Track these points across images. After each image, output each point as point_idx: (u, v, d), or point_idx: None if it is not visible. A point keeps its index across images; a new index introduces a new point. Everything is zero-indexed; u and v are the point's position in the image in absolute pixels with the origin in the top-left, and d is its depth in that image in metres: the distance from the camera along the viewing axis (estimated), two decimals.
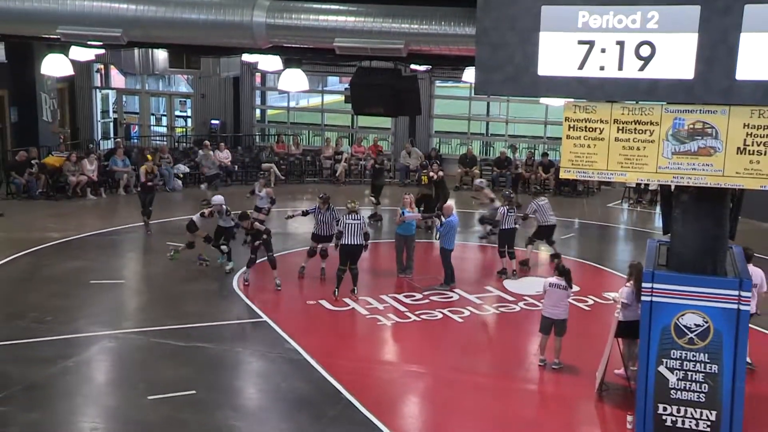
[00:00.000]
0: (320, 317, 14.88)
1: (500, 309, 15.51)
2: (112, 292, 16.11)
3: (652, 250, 11.38)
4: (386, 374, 12.83)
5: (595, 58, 9.15)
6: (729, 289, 10.16)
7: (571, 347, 13.11)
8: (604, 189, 26.95)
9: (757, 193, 9.86)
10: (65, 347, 13.02)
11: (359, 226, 15.82)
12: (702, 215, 10.31)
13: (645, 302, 10.50)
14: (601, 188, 26.97)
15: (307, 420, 11.02)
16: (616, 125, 9.70)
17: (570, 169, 9.96)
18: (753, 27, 8.61)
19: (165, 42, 15.33)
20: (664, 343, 10.42)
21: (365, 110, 14.82)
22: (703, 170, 9.49)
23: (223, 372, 12.56)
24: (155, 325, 14.17)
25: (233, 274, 16.87)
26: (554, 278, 12.70)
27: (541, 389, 12.55)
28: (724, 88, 8.88)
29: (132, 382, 12.16)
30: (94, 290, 15.97)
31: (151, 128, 32.31)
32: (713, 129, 9.36)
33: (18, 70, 25.02)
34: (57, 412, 11.15)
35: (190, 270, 17.00)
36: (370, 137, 30.09)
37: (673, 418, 10.57)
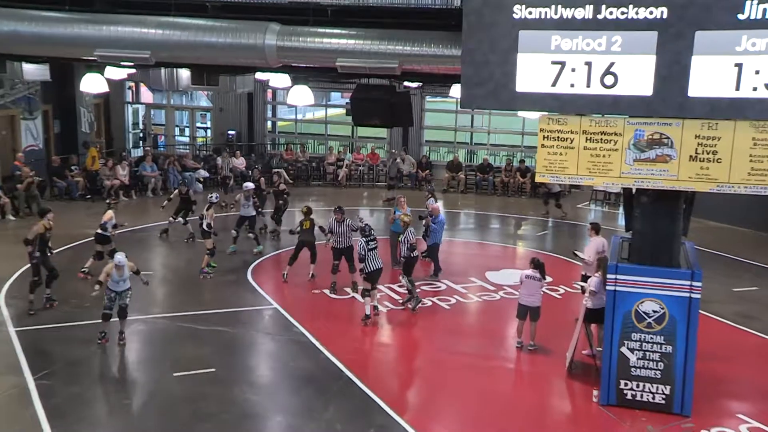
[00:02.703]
0: (324, 305, 14.87)
1: (482, 297, 15.52)
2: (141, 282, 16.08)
3: (616, 245, 11.40)
4: (382, 355, 12.84)
5: (566, 76, 9.20)
6: (682, 280, 10.20)
7: (544, 331, 13.14)
8: (574, 191, 26.97)
9: (707, 195, 9.89)
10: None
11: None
12: (659, 215, 10.35)
13: (609, 291, 10.54)
14: (572, 191, 27.00)
15: (312, 394, 11.02)
16: (584, 135, 9.74)
17: (545, 174, 9.99)
18: (703, 50, 8.68)
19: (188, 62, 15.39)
20: (625, 327, 10.46)
21: (364, 122, 14.82)
22: (660, 175, 9.54)
23: (239, 352, 12.56)
24: (179, 311, 14.16)
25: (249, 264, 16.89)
26: (530, 270, 12.71)
27: (517, 368, 12.55)
28: (678, 104, 8.94)
29: (159, 360, 12.17)
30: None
31: (176, 138, 32.25)
32: (669, 139, 9.40)
33: (60, 87, 25.06)
34: (94, 386, 11.17)
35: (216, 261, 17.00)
36: (368, 146, 30.07)
37: (633, 392, 10.61)
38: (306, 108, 32.29)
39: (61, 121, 26.54)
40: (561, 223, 22.56)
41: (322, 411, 10.48)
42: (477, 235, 21.65)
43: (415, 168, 27.85)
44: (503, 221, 23.30)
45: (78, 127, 26.77)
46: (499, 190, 26.90)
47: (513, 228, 22.54)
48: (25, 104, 24.47)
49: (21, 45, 11.71)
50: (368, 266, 13.88)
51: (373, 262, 13.92)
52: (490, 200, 26.02)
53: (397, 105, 13.79)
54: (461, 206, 24.90)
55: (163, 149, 30.61)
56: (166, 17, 11.18)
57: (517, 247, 20.37)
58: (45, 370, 11.47)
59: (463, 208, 24.65)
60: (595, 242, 13.71)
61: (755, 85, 8.61)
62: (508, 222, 23.21)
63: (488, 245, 20.38)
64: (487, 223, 23.23)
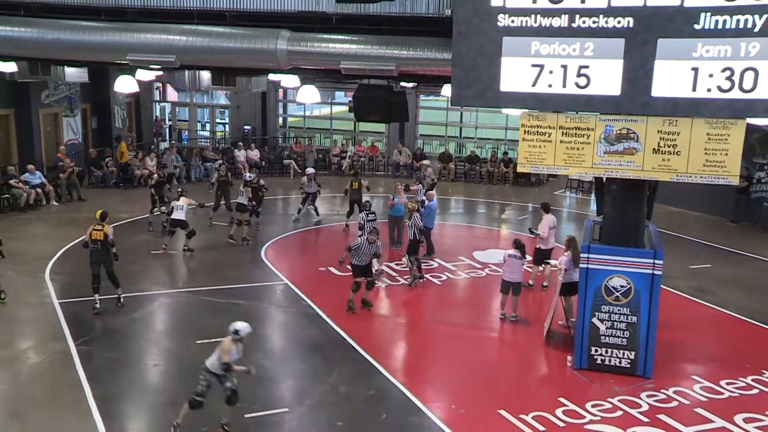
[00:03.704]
0: (329, 281, 14.89)
1: (470, 274, 15.56)
2: (169, 260, 16.13)
3: (588, 228, 11.43)
4: (381, 325, 12.88)
5: (545, 78, 9.20)
6: (646, 258, 10.24)
7: (524, 304, 13.20)
8: (552, 180, 26.98)
9: (668, 183, 9.93)
10: (134, 302, 13.06)
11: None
12: (626, 201, 10.37)
13: (582, 269, 10.58)
14: (549, 179, 27.00)
15: (319, 360, 11.07)
16: (561, 130, 9.75)
17: (525, 164, 10.01)
18: (664, 56, 8.70)
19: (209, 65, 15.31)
20: (596, 300, 10.51)
21: (365, 118, 14.78)
22: (628, 166, 9.56)
23: (254, 323, 12.38)
24: (201, 286, 14.20)
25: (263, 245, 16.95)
26: (512, 250, 12.73)
27: (501, 337, 12.59)
28: (643, 103, 8.96)
29: (184, 330, 12.23)
30: (155, 259, 16.01)
31: (198, 132, 32.20)
32: (635, 134, 9.42)
33: (97, 88, 25.03)
34: (128, 351, 11.23)
35: (228, 244, 17.03)
36: (369, 139, 30.03)
37: (602, 358, 10.68)
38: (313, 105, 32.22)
39: (98, 118, 26.57)
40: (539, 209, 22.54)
41: (328, 375, 10.54)
42: (465, 218, 21.67)
43: (410, 159, 27.83)
44: (489, 206, 23.33)
45: (112, 123, 26.79)
46: (485, 178, 26.91)
47: (497, 212, 22.57)
48: (66, 103, 24.44)
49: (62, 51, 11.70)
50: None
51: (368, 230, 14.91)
52: (477, 188, 26.03)
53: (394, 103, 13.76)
54: (451, 193, 24.89)
55: (187, 142, 30.57)
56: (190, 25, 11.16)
57: (501, 229, 20.39)
58: (85, 337, 11.53)
59: (453, 195, 24.65)
60: (546, 219, 14.39)
61: (709, 86, 8.64)
62: (493, 207, 23.23)
63: (475, 228, 20.42)
64: (475, 208, 23.25)
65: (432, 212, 16.55)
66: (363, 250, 12.97)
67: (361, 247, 12.97)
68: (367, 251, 12.97)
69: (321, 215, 19.74)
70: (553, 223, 14.36)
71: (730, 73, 8.53)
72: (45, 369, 10.55)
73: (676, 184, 10.09)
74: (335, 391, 10.09)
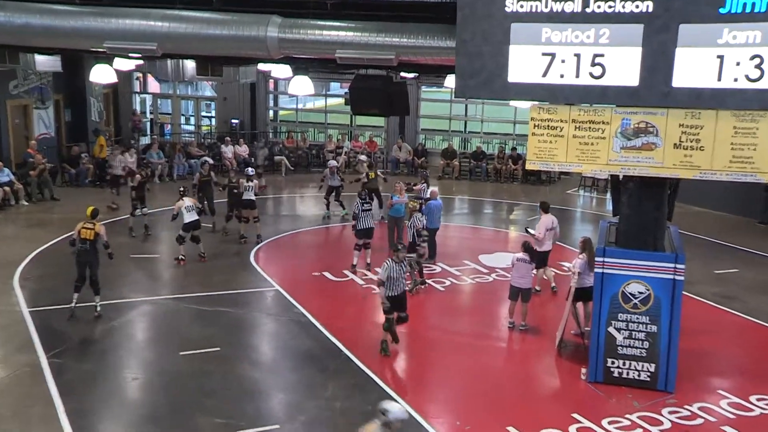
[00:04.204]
0: (323, 286, 14.89)
1: (476, 280, 15.55)
2: (150, 264, 16.14)
3: (603, 230, 11.41)
4: (380, 335, 12.83)
5: (556, 67, 9.16)
6: (667, 263, 10.22)
7: (534, 311, 13.19)
8: (563, 178, 26.98)
9: (690, 181, 9.89)
10: (111, 310, 13.02)
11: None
12: (645, 200, 10.35)
13: (597, 273, 10.56)
14: (561, 177, 27.00)
15: (312, 372, 11.05)
16: (573, 124, 9.72)
17: (535, 161, 9.98)
18: (686, 43, 8.65)
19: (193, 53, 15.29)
20: (613, 308, 10.49)
21: (362, 111, 14.76)
22: (646, 162, 9.53)
23: (243, 332, 12.59)
24: (186, 293, 14.18)
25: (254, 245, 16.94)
26: (521, 254, 12.71)
27: (509, 347, 12.59)
28: (663, 94, 8.92)
29: (166, 340, 12.20)
30: (135, 263, 15.99)
31: (181, 126, 32.16)
32: (654, 128, 9.39)
33: (71, 78, 24.95)
34: (105, 363, 11.19)
35: (214, 246, 17.01)
36: (367, 134, 30.02)
37: (619, 370, 10.65)
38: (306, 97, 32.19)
39: (72, 110, 26.49)
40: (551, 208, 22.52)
41: (322, 389, 10.51)
42: (470, 219, 21.67)
43: (411, 155, 27.83)
44: (496, 206, 23.32)
45: (88, 116, 26.71)
46: (491, 176, 26.90)
47: (505, 213, 22.56)
48: (37, 94, 24.39)
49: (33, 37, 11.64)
50: (359, 224, 15.73)
51: (364, 221, 15.76)
52: (483, 186, 26.03)
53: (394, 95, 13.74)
54: (455, 192, 24.88)
55: (169, 137, 30.55)
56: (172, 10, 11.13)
57: (509, 231, 20.38)
58: (57, 349, 11.50)
59: (457, 194, 24.64)
60: (544, 220, 14.40)
61: (736, 76, 8.59)
62: (500, 207, 23.22)
63: (481, 229, 20.41)
64: (481, 208, 23.25)
65: (434, 212, 16.49)
66: (394, 275, 11.50)
67: (391, 272, 11.48)
68: (399, 275, 11.56)
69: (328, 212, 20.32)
70: (551, 224, 14.40)
71: (760, 61, 8.49)
72: (12, 384, 10.50)
73: (700, 182, 10.05)
74: (330, 406, 10.06)
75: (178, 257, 15.90)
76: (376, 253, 16.39)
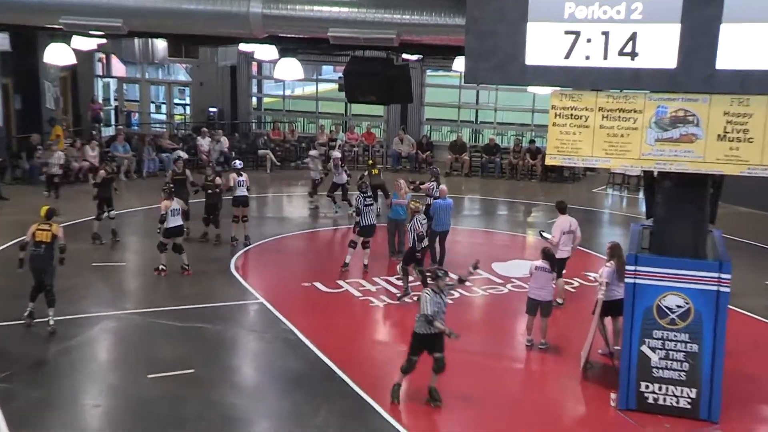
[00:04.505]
0: (315, 299, 14.86)
1: (489, 291, 15.52)
2: (114, 274, 16.09)
3: (635, 234, 11.38)
4: (378, 354, 12.83)
5: (581, 47, 9.13)
6: (709, 272, 10.17)
7: (556, 327, 13.15)
8: (589, 175, 26.98)
9: (736, 178, 9.84)
10: (68, 327, 12.96)
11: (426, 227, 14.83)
12: (683, 200, 10.32)
13: (628, 284, 10.52)
14: (587, 174, 27.00)
15: (301, 397, 11.00)
16: (600, 113, 9.69)
17: (556, 156, 9.95)
18: (733, 17, 8.61)
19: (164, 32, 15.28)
20: (646, 324, 10.44)
21: (358, 98, 14.78)
22: (685, 157, 9.50)
23: (221, 351, 12.54)
24: (155, 306, 14.14)
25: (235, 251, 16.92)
26: (540, 261, 12.68)
27: (527, 368, 12.56)
28: (706, 77, 8.88)
29: (132, 361, 12.13)
30: (96, 272, 15.94)
31: (151, 116, 32.19)
32: (695, 117, 9.36)
33: (22, 58, 24.82)
34: (60, 389, 11.11)
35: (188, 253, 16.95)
36: (363, 125, 30.03)
37: (654, 396, 10.60)
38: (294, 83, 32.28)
39: (23, 96, 26.36)
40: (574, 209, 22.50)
41: (313, 415, 10.47)
42: (482, 222, 21.66)
43: (414, 149, 27.80)
44: (511, 207, 23.32)
45: (42, 102, 26.66)
46: (506, 173, 26.95)
47: (522, 215, 22.54)
48: None
49: None
50: (362, 220, 16.19)
51: (367, 217, 16.24)
52: (497, 184, 26.05)
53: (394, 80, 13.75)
54: (465, 191, 24.88)
55: (137, 128, 30.55)
56: None
57: (526, 235, 20.36)
58: (5, 372, 11.41)
59: (467, 193, 24.64)
60: (560, 221, 14.50)
61: None
62: (516, 208, 23.21)
63: (495, 234, 20.41)
64: (494, 209, 23.25)
65: (442, 213, 16.41)
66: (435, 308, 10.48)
67: (431, 304, 10.46)
68: (440, 308, 10.52)
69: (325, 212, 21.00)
70: (569, 226, 14.44)
71: None
72: None
73: (748, 179, 10.00)
74: None
75: (158, 267, 15.78)
76: (373, 260, 16.37)
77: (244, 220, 17.97)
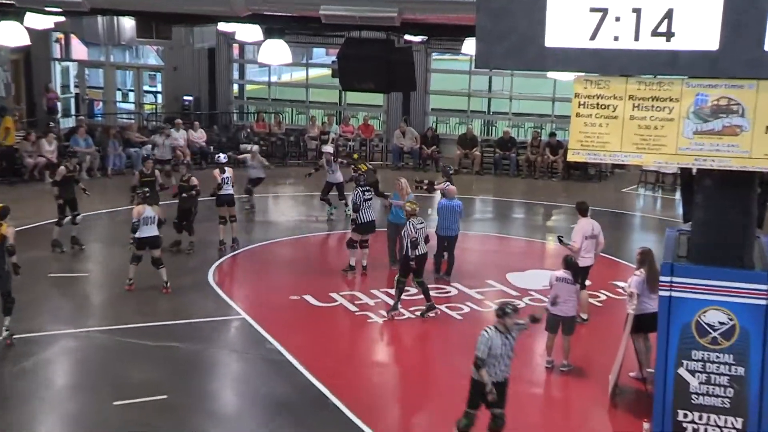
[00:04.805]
0: (305, 314, 14.85)
1: None
2: (75, 286, 16.09)
3: (671, 240, 11.36)
4: (378, 377, 12.82)
5: (609, 27, 9.12)
6: (757, 283, 10.13)
7: (581, 347, 13.14)
8: (617, 172, 26.99)
9: None
10: (22, 347, 12.96)
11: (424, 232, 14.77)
12: (727, 202, 10.29)
13: (663, 297, 10.48)
14: (615, 171, 27.01)
15: (289, 427, 11.02)
16: (631, 102, 9.67)
17: (580, 151, 9.92)
18: None
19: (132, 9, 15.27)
20: (684, 343, 10.40)
21: (354, 86, 14.82)
22: (728, 152, 9.46)
23: (197, 374, 12.53)
24: (122, 323, 14.11)
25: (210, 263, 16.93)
26: (561, 272, 12.68)
27: (548, 394, 12.58)
28: (753, 60, 8.85)
29: (96, 385, 12.11)
30: (55, 284, 15.95)
31: (117, 105, 32.16)
32: (739, 106, 9.33)
33: None
34: (12, 418, 11.07)
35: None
36: (360, 116, 30.04)
37: (694, 426, 10.56)
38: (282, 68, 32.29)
39: None
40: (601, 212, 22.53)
41: None
42: (496, 227, 21.66)
43: (418, 143, 27.79)
44: (529, 210, 23.33)
45: None
46: (523, 170, 26.93)
47: (541, 218, 22.54)
48: None
49: None
50: (361, 217, 16.51)
51: (366, 213, 16.59)
52: (513, 183, 26.07)
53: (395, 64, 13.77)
54: (476, 191, 24.89)
55: (101, 119, 30.55)
56: None
57: (545, 242, 20.36)
58: None
59: (478, 194, 24.64)
60: (582, 225, 14.52)
61: None
62: (534, 211, 23.22)
63: (510, 240, 20.42)
64: (509, 212, 23.26)
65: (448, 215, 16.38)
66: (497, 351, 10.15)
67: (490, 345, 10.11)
68: (504, 352, 10.18)
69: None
70: (591, 230, 14.45)
71: None
72: None
73: None
74: None
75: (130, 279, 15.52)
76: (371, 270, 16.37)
77: (231, 220, 18.06)
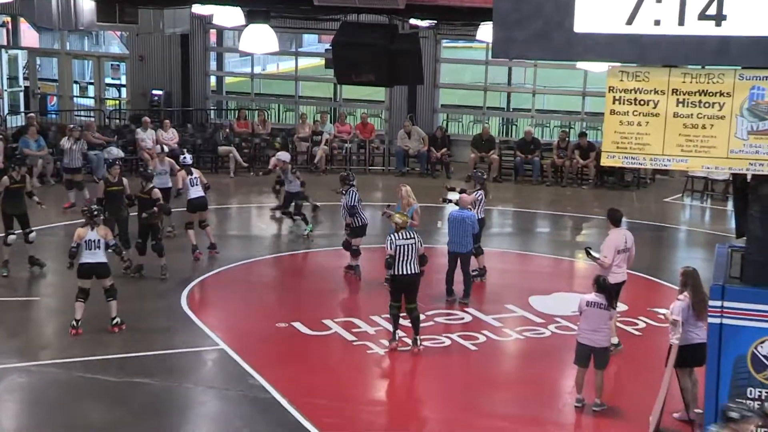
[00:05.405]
0: (294, 344, 14.85)
1: (525, 334, 15.49)
2: (24, 312, 16.14)
3: (722, 258, 11.37)
4: (379, 418, 12.83)
5: (649, 9, 9.14)
6: None
7: (616, 384, 13.15)
8: (659, 179, 27.01)
9: None
10: None
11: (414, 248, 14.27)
12: None
13: (713, 325, 10.49)
14: (656, 178, 27.03)
15: None
16: (675, 97, 9.71)
17: (615, 154, 9.96)
18: None
19: None
20: (738, 378, 10.43)
21: (352, 78, 14.83)
22: None
23: (169, 415, 12.54)
24: (80, 355, 14.13)
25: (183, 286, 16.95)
26: (593, 295, 12.67)
27: None
28: None
29: (50, 428, 12.12)
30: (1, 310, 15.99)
31: (74, 100, 32.21)
32: None
33: None
34: None
35: (126, 285, 16.91)
36: (358, 113, 30.09)
37: None
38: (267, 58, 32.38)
39: None
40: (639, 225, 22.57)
41: None
42: (517, 242, 21.70)
43: (425, 145, 27.81)
44: (555, 222, 23.35)
45: None
46: (549, 176, 26.97)
47: (569, 233, 22.56)
48: None
49: None
50: (356, 220, 17.60)
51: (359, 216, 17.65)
52: (536, 191, 26.12)
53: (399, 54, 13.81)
54: (493, 200, 24.80)
55: (56, 117, 30.60)
56: None
57: (574, 260, 20.36)
58: None
59: (496, 204, 24.60)
60: (614, 237, 14.36)
61: None
62: (562, 224, 23.24)
63: (533, 257, 20.45)
64: (532, 225, 23.30)
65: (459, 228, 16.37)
66: None
67: None
68: None
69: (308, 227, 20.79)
70: (624, 243, 14.36)
71: None
72: None
73: None
74: None
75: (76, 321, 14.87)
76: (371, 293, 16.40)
77: (202, 225, 18.26)
